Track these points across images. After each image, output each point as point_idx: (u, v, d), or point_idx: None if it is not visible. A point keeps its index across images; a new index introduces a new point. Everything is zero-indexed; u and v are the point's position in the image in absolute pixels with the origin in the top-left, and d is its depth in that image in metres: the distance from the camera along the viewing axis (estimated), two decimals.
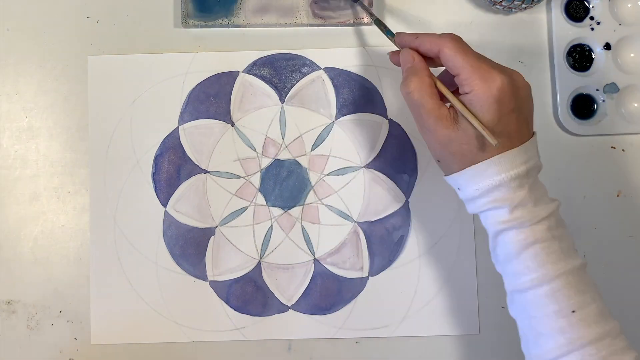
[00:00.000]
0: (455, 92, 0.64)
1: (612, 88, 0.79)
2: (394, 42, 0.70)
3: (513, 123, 0.62)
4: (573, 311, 0.60)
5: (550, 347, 0.61)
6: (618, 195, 0.80)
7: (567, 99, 0.79)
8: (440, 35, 0.65)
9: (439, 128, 0.63)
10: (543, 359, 0.61)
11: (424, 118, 0.64)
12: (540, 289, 0.61)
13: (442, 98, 0.65)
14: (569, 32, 0.79)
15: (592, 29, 0.80)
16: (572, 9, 0.80)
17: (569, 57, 0.80)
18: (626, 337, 0.63)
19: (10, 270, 0.79)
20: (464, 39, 0.65)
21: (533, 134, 0.65)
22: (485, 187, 0.62)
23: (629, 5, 0.80)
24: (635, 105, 0.80)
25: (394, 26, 0.80)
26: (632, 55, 0.80)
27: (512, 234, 0.62)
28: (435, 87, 0.65)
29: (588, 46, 0.80)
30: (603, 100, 0.79)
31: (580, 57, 0.80)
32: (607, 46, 0.79)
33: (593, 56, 0.80)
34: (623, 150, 0.80)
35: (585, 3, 0.80)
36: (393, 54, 0.70)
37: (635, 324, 0.79)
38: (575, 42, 0.80)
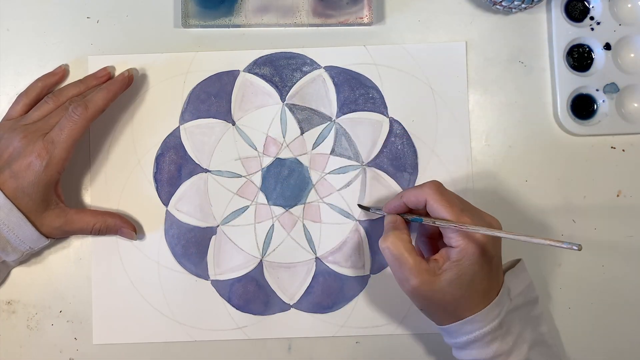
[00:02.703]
0: (439, 238, 0.69)
1: (612, 88, 0.79)
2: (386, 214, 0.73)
3: (494, 274, 0.67)
4: None
5: None
6: (618, 195, 0.80)
7: (567, 99, 0.79)
8: (422, 186, 0.68)
9: (420, 283, 0.66)
10: None
11: (404, 273, 0.66)
12: None
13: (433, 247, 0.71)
14: (569, 32, 0.79)
15: (592, 29, 0.80)
16: (572, 9, 0.80)
17: (569, 57, 0.80)
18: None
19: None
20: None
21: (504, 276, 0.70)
22: (462, 342, 0.67)
23: (629, 5, 0.80)
24: (635, 105, 0.80)
25: (394, 26, 0.80)
26: (632, 55, 0.80)
27: None
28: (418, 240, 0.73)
29: (588, 46, 0.80)
30: (603, 101, 0.79)
31: (580, 57, 0.80)
32: (607, 46, 0.80)
33: (593, 56, 0.80)
34: (623, 150, 0.80)
35: (585, 3, 0.80)
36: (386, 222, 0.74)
37: (636, 324, 0.79)
38: (575, 42, 0.80)
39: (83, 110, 0.71)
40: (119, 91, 0.75)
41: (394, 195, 0.78)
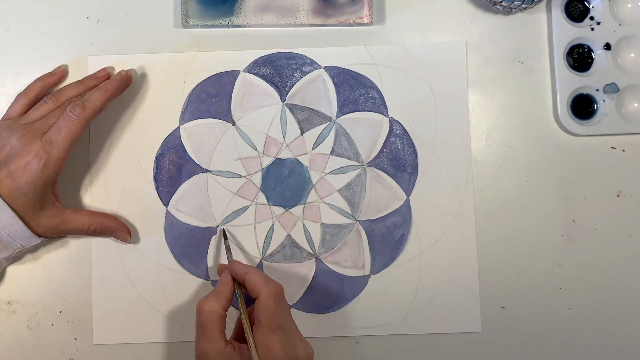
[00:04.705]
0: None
1: (612, 88, 0.79)
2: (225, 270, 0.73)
3: (294, 332, 0.68)
4: None
5: None
6: (618, 195, 0.80)
7: (567, 99, 0.79)
8: (267, 282, 0.68)
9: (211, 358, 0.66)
10: None
11: (202, 343, 0.66)
12: None
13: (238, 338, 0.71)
14: (569, 32, 0.79)
15: (592, 29, 0.80)
16: (572, 9, 0.80)
17: (569, 57, 0.80)
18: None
19: (10, 270, 0.79)
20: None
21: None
22: None
23: (629, 5, 0.80)
24: (635, 105, 0.80)
25: (394, 26, 0.80)
26: (632, 55, 0.80)
27: None
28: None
29: (588, 46, 0.80)
30: (603, 101, 0.79)
31: (580, 57, 0.80)
32: (607, 46, 0.80)
33: (593, 56, 0.80)
34: (623, 150, 0.80)
35: (585, 3, 0.80)
36: (221, 267, 0.76)
37: (636, 324, 0.79)
38: (575, 42, 0.80)
39: (81, 110, 0.71)
40: (116, 90, 0.75)
41: (396, 194, 0.78)
